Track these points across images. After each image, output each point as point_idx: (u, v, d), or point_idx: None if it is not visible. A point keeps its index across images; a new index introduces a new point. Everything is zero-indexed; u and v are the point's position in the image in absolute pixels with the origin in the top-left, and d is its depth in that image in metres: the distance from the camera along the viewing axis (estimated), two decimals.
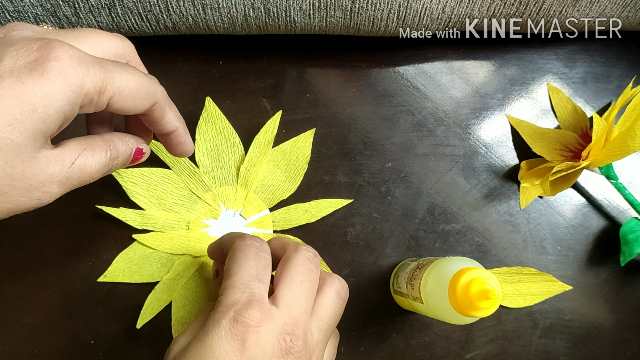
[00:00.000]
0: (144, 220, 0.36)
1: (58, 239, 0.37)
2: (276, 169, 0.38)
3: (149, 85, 0.23)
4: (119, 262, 0.36)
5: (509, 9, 0.36)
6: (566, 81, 0.41)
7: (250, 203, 0.38)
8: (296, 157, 0.38)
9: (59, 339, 0.36)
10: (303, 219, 0.38)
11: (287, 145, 0.38)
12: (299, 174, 0.38)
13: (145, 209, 0.36)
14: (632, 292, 0.39)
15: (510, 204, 0.40)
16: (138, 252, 0.36)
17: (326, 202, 0.38)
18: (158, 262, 0.36)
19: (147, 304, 0.36)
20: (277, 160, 0.38)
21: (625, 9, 0.36)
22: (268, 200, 0.38)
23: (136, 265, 0.36)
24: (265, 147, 0.37)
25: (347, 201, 0.38)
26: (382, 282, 0.38)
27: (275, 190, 0.38)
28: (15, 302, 0.36)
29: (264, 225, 0.38)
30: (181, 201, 0.37)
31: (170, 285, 0.36)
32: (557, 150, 0.39)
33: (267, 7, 0.34)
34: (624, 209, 0.40)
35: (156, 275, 0.36)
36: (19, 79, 0.18)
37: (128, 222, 0.36)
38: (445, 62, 0.41)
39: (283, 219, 0.38)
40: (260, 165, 0.37)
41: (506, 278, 0.38)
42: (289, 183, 0.38)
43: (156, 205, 0.37)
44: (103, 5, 0.33)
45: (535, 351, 0.38)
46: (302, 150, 0.38)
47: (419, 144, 0.40)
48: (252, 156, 0.37)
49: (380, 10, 0.34)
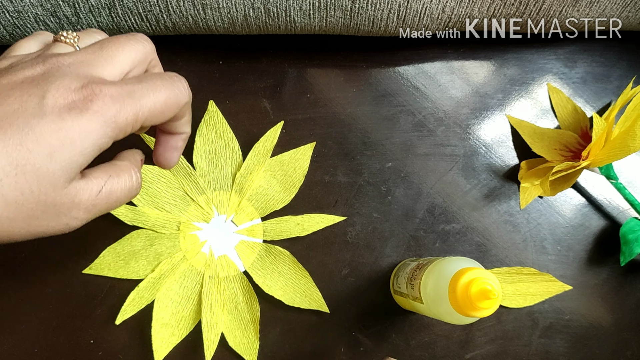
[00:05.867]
0: (135, 216, 0.36)
1: (58, 239, 0.36)
2: (272, 179, 0.38)
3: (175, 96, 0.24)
4: (106, 255, 0.36)
5: (509, 9, 0.36)
6: (566, 81, 0.41)
7: (242, 210, 0.37)
8: (294, 169, 0.38)
9: (58, 338, 0.36)
10: (294, 232, 0.37)
11: (286, 157, 0.38)
12: (295, 187, 0.38)
13: (137, 205, 0.36)
14: (631, 292, 0.39)
15: (510, 204, 0.40)
16: (126, 247, 0.36)
17: (319, 217, 0.38)
18: (145, 260, 0.36)
19: (129, 301, 0.36)
20: (275, 170, 0.38)
21: (625, 9, 0.36)
22: (261, 209, 0.38)
23: (123, 261, 0.36)
24: (263, 156, 0.37)
25: (340, 218, 0.38)
26: (382, 282, 0.38)
27: (269, 200, 0.38)
28: (15, 300, 0.36)
29: (254, 234, 0.38)
30: (174, 201, 0.37)
31: (155, 283, 0.36)
32: (557, 150, 0.39)
33: (267, 7, 0.34)
34: (624, 209, 0.40)
35: (141, 273, 0.36)
36: (59, 115, 0.19)
37: (119, 217, 0.36)
38: (445, 62, 0.41)
39: (274, 230, 0.38)
40: (257, 174, 0.37)
41: (506, 278, 0.38)
42: (284, 194, 0.38)
43: (149, 202, 0.36)
44: (103, 5, 0.33)
45: (535, 351, 0.38)
46: (300, 162, 0.38)
47: (419, 144, 0.40)
48: (250, 164, 0.37)
49: (380, 10, 0.34)
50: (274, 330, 0.37)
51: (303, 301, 0.37)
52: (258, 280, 0.37)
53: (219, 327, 0.36)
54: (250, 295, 0.37)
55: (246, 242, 0.37)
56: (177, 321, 0.36)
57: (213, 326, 0.35)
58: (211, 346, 0.35)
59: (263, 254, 0.37)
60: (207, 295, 0.36)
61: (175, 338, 0.36)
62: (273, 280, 0.37)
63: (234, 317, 0.37)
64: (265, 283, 0.37)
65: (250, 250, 0.37)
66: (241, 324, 0.37)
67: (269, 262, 0.37)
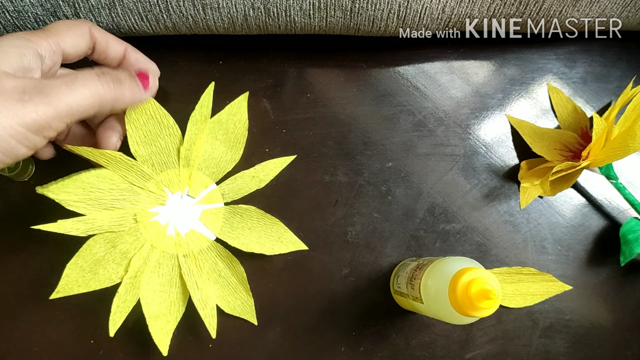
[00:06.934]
0: (87, 226, 0.33)
1: (57, 238, 0.36)
2: (215, 141, 0.37)
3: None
4: (70, 273, 0.34)
5: (509, 9, 0.36)
6: (566, 81, 0.41)
7: (195, 181, 0.36)
8: (234, 125, 0.37)
9: (58, 337, 0.36)
10: (252, 186, 0.37)
11: (223, 115, 0.37)
12: (240, 142, 0.37)
13: (85, 214, 0.33)
14: (632, 292, 0.39)
15: (510, 204, 0.40)
16: (88, 258, 0.34)
17: (271, 162, 0.37)
18: (112, 263, 0.34)
19: (114, 309, 0.34)
20: (215, 131, 0.37)
21: (625, 9, 0.36)
22: (213, 174, 0.37)
23: (90, 273, 0.34)
24: (202, 123, 0.36)
25: (291, 158, 0.38)
26: (382, 282, 0.38)
27: (218, 162, 0.37)
28: (14, 300, 0.36)
29: (213, 200, 0.37)
30: (122, 196, 0.34)
31: (133, 283, 0.34)
32: (557, 150, 0.39)
33: (267, 7, 0.34)
34: (624, 209, 0.40)
35: (114, 278, 0.34)
36: None
37: (70, 232, 0.33)
38: (445, 62, 0.41)
39: (232, 190, 0.37)
40: (200, 142, 0.36)
41: (506, 278, 0.38)
42: (231, 152, 0.37)
43: (96, 206, 0.34)
44: (103, 5, 0.33)
45: (535, 351, 0.38)
46: (238, 116, 0.37)
47: (419, 144, 0.40)
48: (191, 134, 0.36)
49: (380, 10, 0.34)
50: (274, 330, 0.37)
51: (281, 247, 0.37)
52: (233, 243, 0.36)
53: (212, 301, 0.35)
54: (230, 259, 0.36)
55: (208, 210, 0.37)
56: (167, 308, 0.35)
57: (206, 302, 0.35)
58: (212, 321, 0.35)
59: (229, 217, 0.37)
60: (188, 274, 0.35)
61: (171, 324, 0.35)
62: (247, 238, 0.37)
63: (221, 285, 0.36)
64: (241, 243, 0.36)
65: (214, 217, 0.37)
66: (230, 288, 0.36)
67: (237, 222, 0.37)
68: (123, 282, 0.34)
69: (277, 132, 0.39)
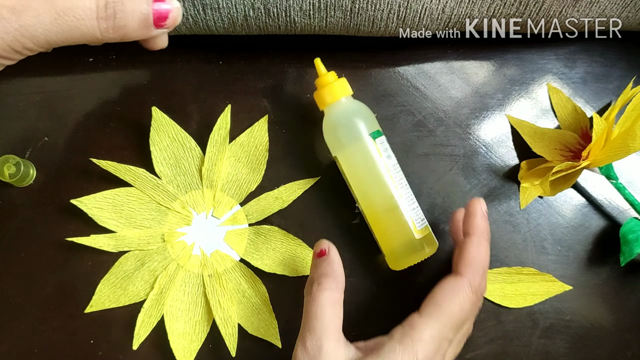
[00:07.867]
0: (118, 242, 0.36)
1: (57, 238, 0.37)
2: (237, 163, 0.38)
3: None
4: (102, 289, 0.36)
5: (509, 9, 0.36)
6: (566, 81, 0.41)
7: (220, 202, 0.37)
8: (255, 147, 0.38)
9: (57, 338, 0.36)
10: (275, 207, 0.38)
11: (244, 138, 0.38)
12: (262, 163, 0.38)
13: (116, 231, 0.36)
14: (632, 292, 0.39)
15: (510, 204, 0.40)
16: (119, 275, 0.36)
17: (294, 184, 0.38)
18: (141, 281, 0.36)
19: (140, 324, 0.36)
20: (237, 154, 0.38)
21: (625, 9, 0.36)
22: (237, 195, 0.38)
23: (120, 289, 0.36)
24: (221, 144, 0.37)
25: (314, 180, 0.38)
26: (383, 282, 0.38)
27: (241, 184, 0.38)
28: (15, 300, 0.36)
29: (238, 221, 0.38)
30: (151, 215, 0.37)
31: (158, 300, 0.36)
32: (557, 150, 0.39)
33: (267, 8, 0.34)
34: (624, 209, 0.40)
35: (142, 294, 0.36)
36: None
37: (102, 247, 0.36)
38: (445, 62, 0.41)
39: (255, 211, 0.38)
40: (221, 163, 0.37)
41: (506, 278, 0.38)
42: (254, 174, 0.38)
43: (126, 225, 0.36)
44: None
45: (535, 351, 0.38)
46: (259, 139, 0.38)
47: (419, 144, 0.40)
48: (211, 155, 0.37)
49: (380, 11, 0.34)
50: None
51: (306, 269, 0.37)
52: (256, 264, 0.37)
53: (233, 320, 0.36)
54: (253, 279, 0.37)
55: (233, 231, 0.38)
56: (191, 327, 0.36)
57: (227, 321, 0.36)
58: (232, 340, 0.36)
59: (253, 237, 0.38)
60: (212, 293, 0.36)
61: (195, 344, 0.36)
62: (270, 259, 0.37)
63: (244, 305, 0.37)
64: (264, 264, 0.37)
65: (239, 237, 0.37)
66: (254, 309, 0.37)
67: (261, 243, 0.37)
68: (149, 298, 0.36)
69: (277, 132, 0.39)
